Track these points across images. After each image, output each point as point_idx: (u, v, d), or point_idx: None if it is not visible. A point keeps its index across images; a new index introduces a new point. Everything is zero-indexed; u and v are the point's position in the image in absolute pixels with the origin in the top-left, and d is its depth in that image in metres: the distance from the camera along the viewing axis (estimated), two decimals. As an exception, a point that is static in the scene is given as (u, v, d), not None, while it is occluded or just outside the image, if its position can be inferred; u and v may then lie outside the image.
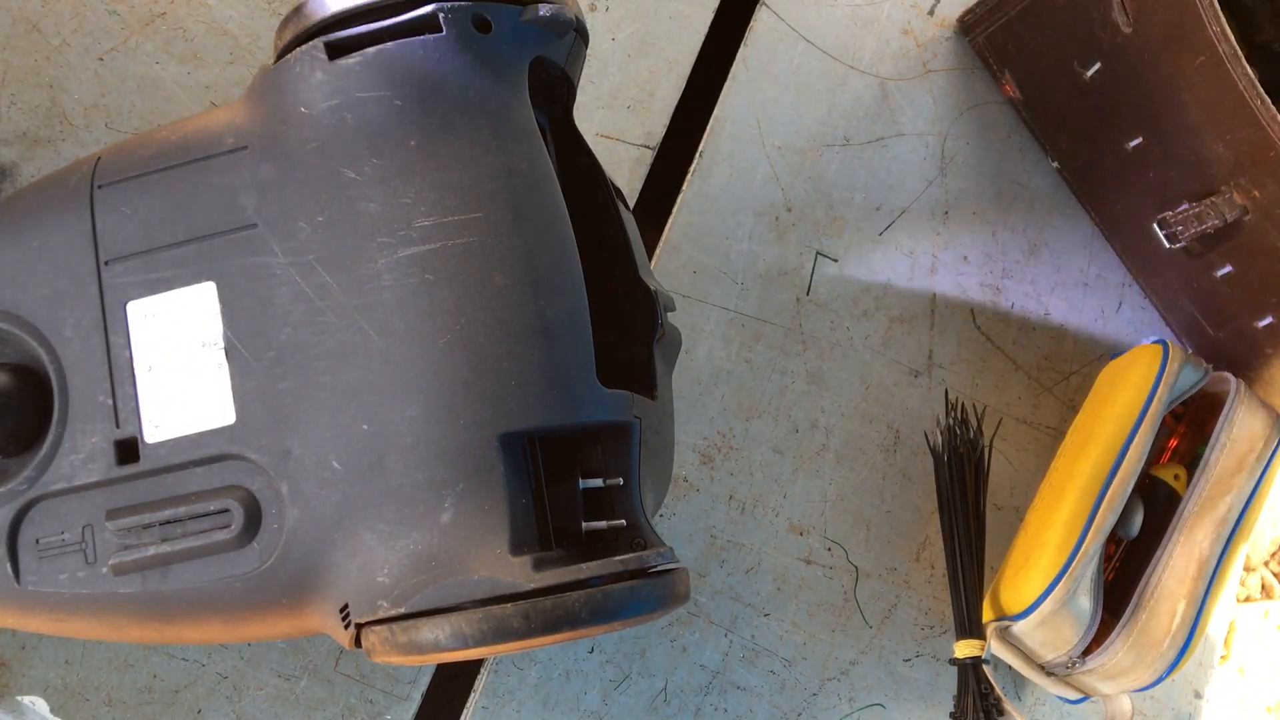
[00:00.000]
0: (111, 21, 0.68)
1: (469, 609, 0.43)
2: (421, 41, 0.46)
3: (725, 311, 0.74)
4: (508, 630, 0.42)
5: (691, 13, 0.76)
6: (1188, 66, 0.64)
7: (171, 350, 0.46)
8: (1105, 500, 0.67)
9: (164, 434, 0.46)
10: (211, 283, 0.46)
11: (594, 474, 0.48)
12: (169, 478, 0.46)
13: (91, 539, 0.46)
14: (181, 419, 0.46)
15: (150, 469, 0.46)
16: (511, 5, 0.48)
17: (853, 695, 0.72)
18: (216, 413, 0.46)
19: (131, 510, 0.46)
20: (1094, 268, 0.80)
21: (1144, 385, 0.69)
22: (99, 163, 0.49)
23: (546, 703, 0.67)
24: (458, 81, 0.47)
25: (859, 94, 0.78)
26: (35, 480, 0.47)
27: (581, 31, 0.52)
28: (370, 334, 0.45)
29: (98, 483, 0.46)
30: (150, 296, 0.47)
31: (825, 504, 0.73)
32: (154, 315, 0.47)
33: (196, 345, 0.46)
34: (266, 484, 0.45)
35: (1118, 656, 0.66)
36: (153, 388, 0.46)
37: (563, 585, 0.43)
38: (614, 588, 0.44)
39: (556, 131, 0.55)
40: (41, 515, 0.47)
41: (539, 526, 0.45)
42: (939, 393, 0.76)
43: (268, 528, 0.45)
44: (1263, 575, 0.81)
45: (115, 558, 0.45)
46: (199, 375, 0.46)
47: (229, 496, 0.45)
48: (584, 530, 0.47)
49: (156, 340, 0.47)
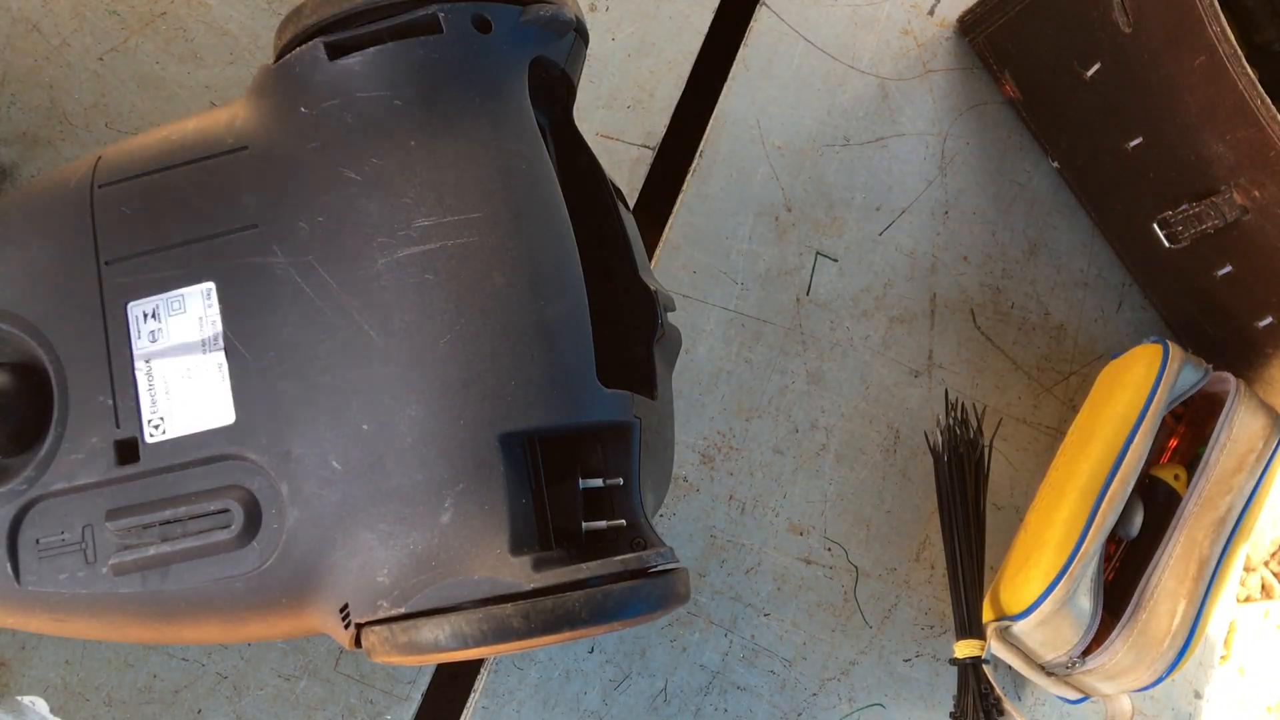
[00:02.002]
0: (111, 21, 0.68)
1: (469, 609, 0.43)
2: (421, 42, 0.46)
3: (725, 311, 0.74)
4: (508, 630, 0.42)
5: (691, 13, 0.76)
6: (1188, 66, 0.64)
7: (171, 350, 0.46)
8: (1105, 500, 0.67)
9: (164, 434, 0.46)
10: (211, 283, 0.46)
11: (594, 474, 0.48)
12: (169, 478, 0.46)
13: (91, 539, 0.46)
14: (181, 419, 0.46)
15: (150, 469, 0.46)
16: (511, 5, 0.48)
17: (853, 695, 0.72)
18: (216, 413, 0.46)
19: (131, 510, 0.46)
20: (1094, 268, 0.80)
21: (1144, 385, 0.69)
22: (99, 162, 0.49)
23: (546, 703, 0.67)
24: (457, 82, 0.47)
25: (859, 94, 0.78)
26: (35, 480, 0.46)
27: (581, 31, 0.52)
28: (370, 333, 0.45)
29: (98, 483, 0.46)
30: (150, 297, 0.47)
31: (825, 504, 0.73)
32: (154, 315, 0.47)
33: (197, 345, 0.46)
34: (266, 484, 0.45)
35: (1118, 656, 0.66)
36: (152, 388, 0.46)
37: (563, 585, 0.43)
38: (614, 588, 0.44)
39: (556, 131, 0.55)
40: (41, 515, 0.47)
41: (539, 526, 0.45)
42: (939, 393, 0.76)
43: (267, 528, 0.45)
44: (1263, 575, 0.81)
45: (115, 558, 0.45)
46: (199, 375, 0.46)
47: (229, 496, 0.45)
48: (584, 530, 0.47)
49: (156, 340, 0.47)
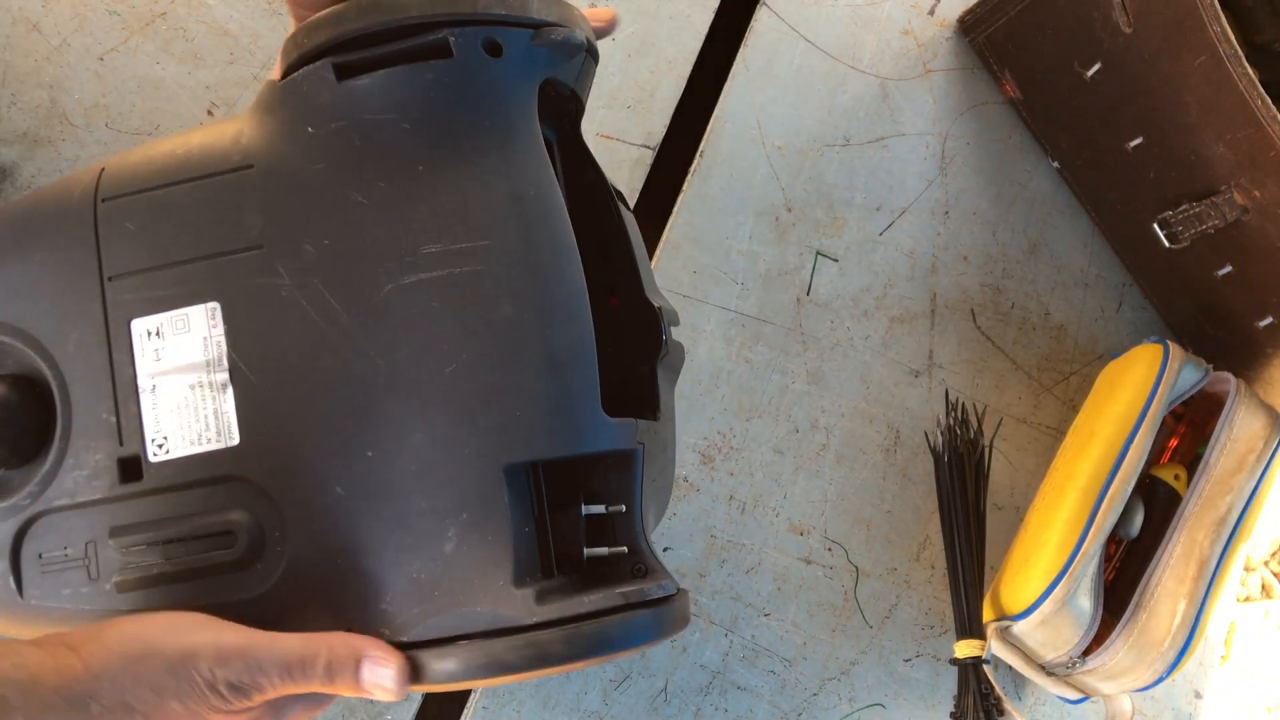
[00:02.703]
0: (111, 21, 0.68)
1: (470, 642, 0.43)
2: (432, 66, 0.46)
3: (725, 311, 0.74)
4: (507, 665, 0.42)
5: (691, 13, 0.76)
6: (1188, 66, 0.64)
7: (175, 369, 0.46)
8: (1105, 500, 0.67)
9: (167, 453, 0.46)
10: (216, 303, 0.46)
11: (597, 500, 0.47)
12: (172, 497, 0.45)
13: (95, 555, 0.46)
14: (185, 439, 0.46)
15: (154, 487, 0.45)
16: (523, 29, 0.47)
17: (853, 695, 0.72)
18: (220, 434, 0.45)
19: (135, 528, 0.45)
20: (1094, 268, 0.80)
21: (1144, 385, 0.69)
22: (103, 175, 0.48)
23: (546, 703, 0.67)
24: (467, 106, 0.46)
25: (859, 94, 0.78)
26: (38, 495, 0.46)
27: (593, 52, 0.51)
28: (375, 360, 0.44)
29: (101, 499, 0.46)
30: (154, 315, 0.46)
31: (825, 504, 0.73)
32: (158, 334, 0.46)
33: (201, 365, 0.46)
34: (270, 507, 0.45)
35: (1118, 656, 0.66)
36: (156, 406, 0.46)
37: (564, 619, 0.43)
38: (614, 620, 0.44)
39: (564, 146, 0.55)
40: (44, 530, 0.46)
41: (541, 554, 0.45)
42: (939, 393, 0.76)
43: (270, 550, 0.45)
44: (1263, 575, 0.81)
45: (119, 575, 0.45)
46: (203, 396, 0.46)
47: (232, 518, 0.45)
48: (586, 557, 0.47)
49: (160, 359, 0.46)
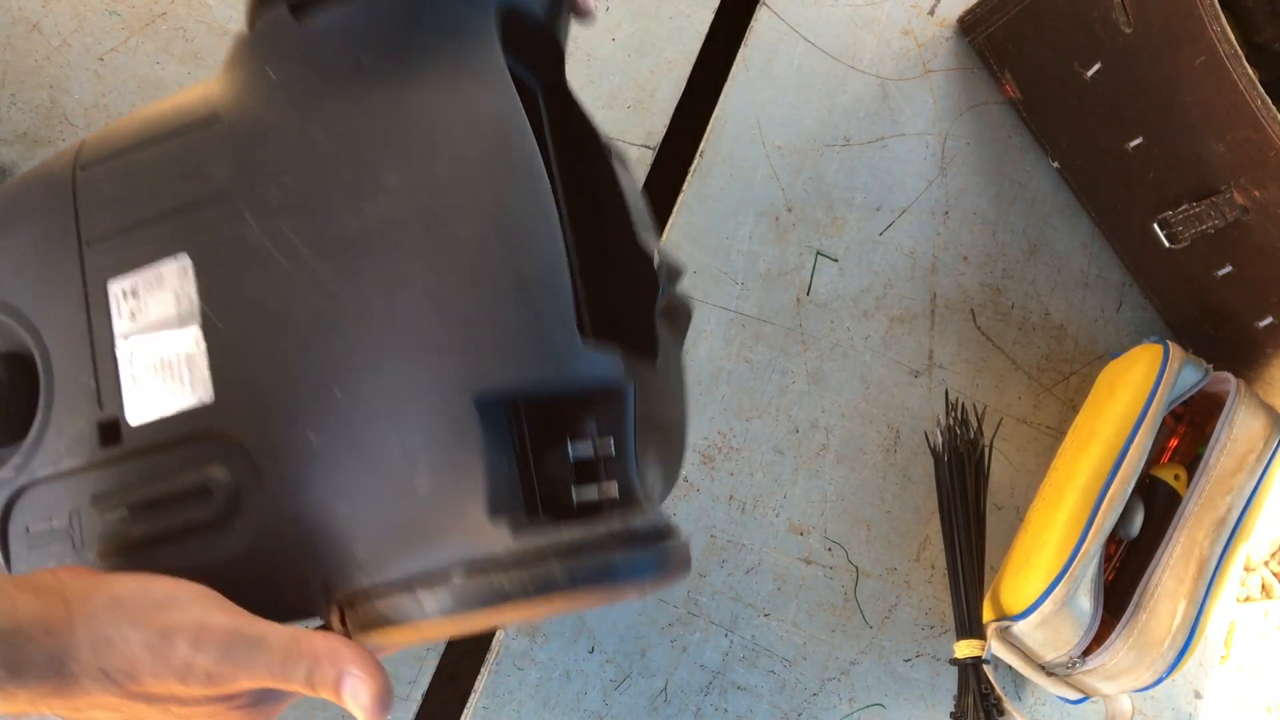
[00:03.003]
0: (111, 21, 0.68)
1: (447, 577, 0.41)
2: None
3: (725, 311, 0.74)
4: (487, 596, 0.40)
5: (691, 13, 0.76)
6: (1188, 66, 0.64)
7: (149, 327, 0.46)
8: (1105, 500, 0.67)
9: (145, 415, 0.45)
10: (186, 255, 0.45)
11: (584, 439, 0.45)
12: (151, 459, 0.45)
13: (79, 524, 0.45)
14: (161, 398, 0.45)
15: (132, 450, 0.45)
16: None
17: (853, 695, 0.72)
18: (195, 391, 0.45)
19: (115, 493, 0.45)
20: (1094, 268, 0.80)
21: (1144, 385, 0.69)
22: (82, 146, 0.49)
23: (547, 703, 0.67)
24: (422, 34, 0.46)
25: (859, 94, 0.78)
26: (23, 467, 0.46)
27: None
28: (340, 297, 0.43)
29: (82, 466, 0.46)
30: (129, 274, 0.46)
31: (825, 504, 0.73)
32: (134, 293, 0.46)
33: (174, 321, 0.45)
34: (245, 461, 0.44)
35: (1118, 656, 0.66)
36: (133, 366, 0.46)
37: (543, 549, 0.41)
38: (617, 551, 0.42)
39: (550, 96, 0.54)
40: (31, 503, 0.46)
41: (525, 494, 0.44)
42: (939, 393, 0.76)
43: (248, 505, 0.44)
44: (1263, 575, 0.81)
45: (100, 542, 0.45)
46: (178, 352, 0.45)
47: (209, 475, 0.44)
48: (575, 502, 0.45)
49: (136, 318, 0.46)
